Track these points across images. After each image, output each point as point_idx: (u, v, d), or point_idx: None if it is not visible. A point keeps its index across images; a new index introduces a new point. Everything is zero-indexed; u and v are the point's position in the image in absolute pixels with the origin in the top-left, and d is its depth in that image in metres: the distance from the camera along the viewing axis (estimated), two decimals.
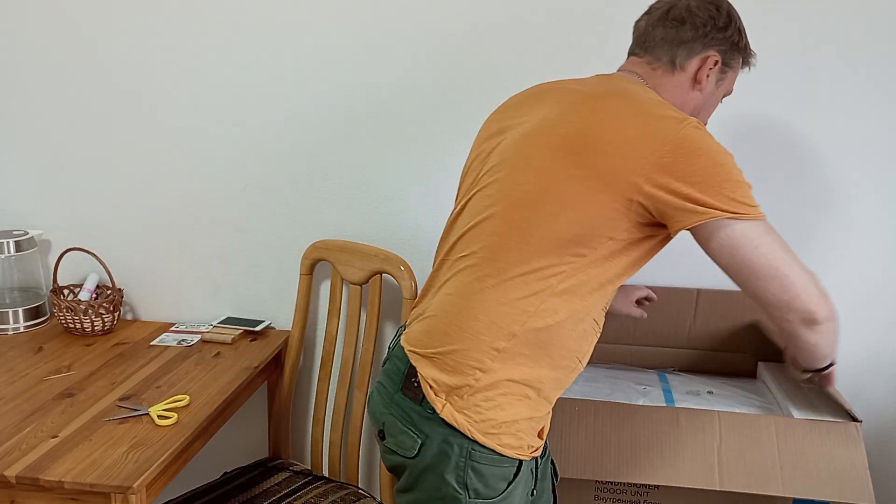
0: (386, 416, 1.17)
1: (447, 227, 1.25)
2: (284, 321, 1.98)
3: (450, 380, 1.11)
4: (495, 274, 1.10)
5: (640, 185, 1.06)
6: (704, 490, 1.42)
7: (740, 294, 1.69)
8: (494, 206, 1.13)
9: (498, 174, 1.15)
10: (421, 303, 1.23)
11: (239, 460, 2.09)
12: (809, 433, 1.40)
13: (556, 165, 1.09)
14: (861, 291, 1.77)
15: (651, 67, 1.24)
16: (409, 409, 1.14)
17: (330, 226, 1.92)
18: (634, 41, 1.29)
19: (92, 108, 1.92)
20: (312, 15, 1.79)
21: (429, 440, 1.11)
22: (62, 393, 1.56)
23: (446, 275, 1.18)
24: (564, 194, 1.08)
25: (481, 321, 1.10)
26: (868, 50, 1.65)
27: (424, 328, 1.17)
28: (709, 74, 1.23)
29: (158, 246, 1.99)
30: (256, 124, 1.88)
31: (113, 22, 1.86)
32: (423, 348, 1.15)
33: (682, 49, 1.22)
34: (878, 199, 1.72)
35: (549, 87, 1.25)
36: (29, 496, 1.30)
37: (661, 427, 1.41)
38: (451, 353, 1.12)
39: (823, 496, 1.32)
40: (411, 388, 1.14)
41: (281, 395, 1.91)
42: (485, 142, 1.25)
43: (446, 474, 1.11)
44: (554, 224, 1.08)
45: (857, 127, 1.69)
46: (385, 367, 1.23)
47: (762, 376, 1.70)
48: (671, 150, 1.05)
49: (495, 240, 1.11)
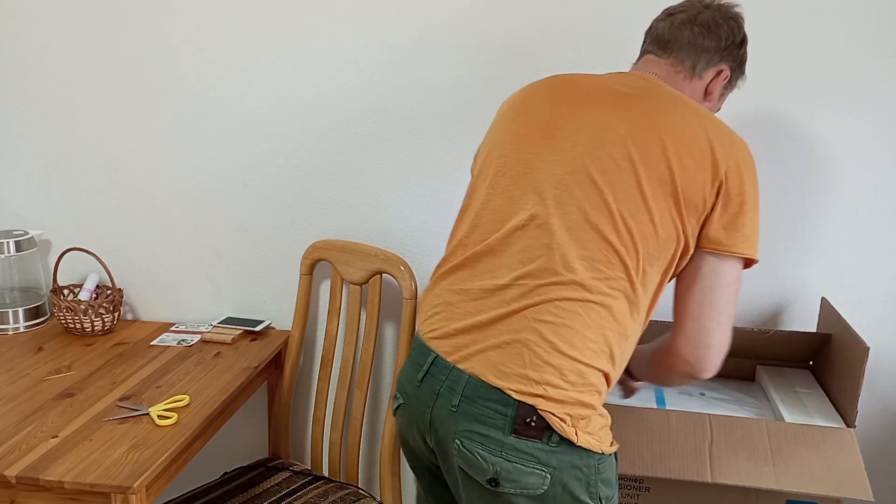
0: (500, 463, 1.08)
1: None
2: (284, 321, 1.98)
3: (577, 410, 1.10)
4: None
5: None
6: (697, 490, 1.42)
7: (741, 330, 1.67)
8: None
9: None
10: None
11: (239, 460, 2.09)
12: (802, 436, 1.40)
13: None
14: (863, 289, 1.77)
15: (674, 70, 1.25)
16: (532, 449, 1.07)
17: (330, 226, 1.92)
18: (653, 41, 1.29)
19: (92, 108, 1.92)
20: (314, 17, 1.79)
21: (557, 471, 1.08)
22: (62, 393, 1.56)
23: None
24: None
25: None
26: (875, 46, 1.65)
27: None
28: (717, 86, 1.26)
29: (158, 246, 1.99)
30: (257, 125, 1.88)
31: (113, 22, 1.86)
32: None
33: (704, 57, 1.24)
34: (880, 198, 1.72)
35: (596, 84, 1.21)
36: (29, 496, 1.30)
37: (651, 426, 1.41)
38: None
39: (819, 490, 1.31)
40: (529, 428, 1.07)
41: (281, 395, 1.91)
42: (531, 129, 1.19)
43: (580, 495, 1.10)
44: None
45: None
46: (458, 410, 1.11)
47: (760, 380, 1.70)
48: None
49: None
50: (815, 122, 1.70)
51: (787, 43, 1.67)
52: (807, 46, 1.67)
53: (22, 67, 1.92)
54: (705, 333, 1.14)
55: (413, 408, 1.19)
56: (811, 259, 1.77)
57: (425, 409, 1.16)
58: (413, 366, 1.20)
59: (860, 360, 1.41)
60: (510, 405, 1.07)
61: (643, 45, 1.33)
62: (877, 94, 1.67)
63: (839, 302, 1.77)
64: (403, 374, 1.23)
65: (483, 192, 1.21)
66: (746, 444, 1.39)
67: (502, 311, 1.11)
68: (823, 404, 1.53)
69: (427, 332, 1.19)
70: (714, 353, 1.14)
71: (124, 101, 1.91)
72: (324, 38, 1.81)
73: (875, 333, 1.78)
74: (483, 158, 1.25)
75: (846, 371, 1.49)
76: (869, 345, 1.38)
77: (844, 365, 1.51)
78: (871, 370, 1.79)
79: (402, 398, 1.21)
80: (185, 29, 1.84)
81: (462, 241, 1.20)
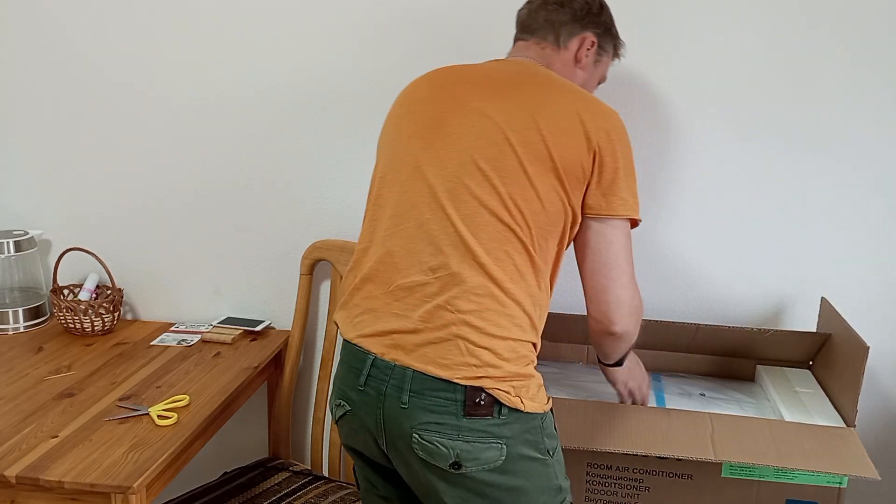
0: (459, 446, 1.14)
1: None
2: (284, 321, 1.98)
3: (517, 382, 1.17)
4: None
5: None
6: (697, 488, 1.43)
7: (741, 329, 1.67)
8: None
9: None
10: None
11: (239, 460, 2.09)
12: (803, 432, 1.40)
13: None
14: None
15: (540, 47, 1.35)
16: (485, 426, 1.14)
17: (330, 226, 1.92)
18: (520, 28, 1.39)
19: (92, 108, 1.92)
20: (315, 12, 1.79)
21: (511, 440, 1.15)
22: (62, 393, 1.56)
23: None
24: None
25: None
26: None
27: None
28: (587, 54, 1.36)
29: (158, 246, 1.99)
30: (257, 124, 1.88)
31: (112, 22, 1.86)
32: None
33: (564, 29, 1.34)
34: (881, 197, 1.72)
35: (476, 76, 1.28)
36: (29, 496, 1.30)
37: (651, 424, 1.42)
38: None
39: (824, 468, 1.31)
40: (479, 407, 1.14)
41: (281, 395, 1.91)
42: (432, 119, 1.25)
43: (533, 454, 1.18)
44: None
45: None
46: (409, 405, 1.15)
47: (760, 380, 1.70)
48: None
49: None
50: (815, 122, 1.70)
51: (786, 42, 1.67)
52: (807, 45, 1.67)
53: (22, 68, 1.92)
54: (602, 290, 1.23)
55: (361, 412, 1.21)
56: (811, 259, 1.77)
57: (374, 410, 1.19)
58: (351, 371, 1.22)
59: (860, 360, 1.42)
60: (458, 391, 1.14)
61: (515, 34, 1.41)
62: (877, 94, 1.67)
63: (839, 302, 1.77)
64: (342, 381, 1.24)
65: (383, 192, 1.26)
66: (748, 436, 1.39)
67: (427, 306, 1.16)
68: (823, 404, 1.53)
69: (356, 336, 1.22)
70: (616, 307, 1.24)
71: (124, 100, 1.91)
72: (324, 37, 1.81)
73: (875, 333, 1.77)
74: (378, 158, 1.31)
75: (846, 371, 1.49)
76: (868, 345, 1.39)
77: (844, 365, 1.51)
78: (870, 370, 1.79)
79: (346, 405, 1.23)
80: (185, 30, 1.84)
81: (366, 247, 1.26)
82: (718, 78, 1.71)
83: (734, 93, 1.71)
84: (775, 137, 1.72)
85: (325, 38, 1.81)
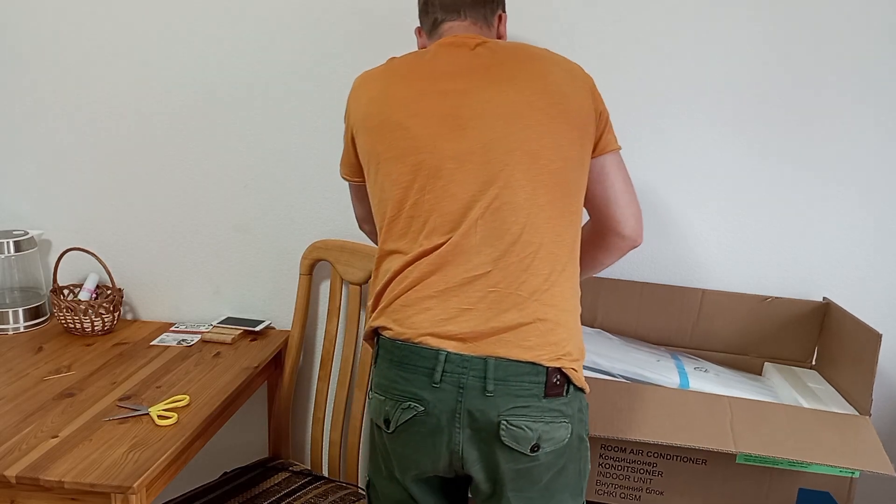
0: (541, 427, 1.17)
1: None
2: (284, 321, 1.98)
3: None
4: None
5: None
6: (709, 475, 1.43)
7: (745, 296, 1.71)
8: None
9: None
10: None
11: (239, 460, 2.09)
12: (821, 419, 1.40)
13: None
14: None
15: (477, 27, 1.36)
16: (559, 405, 1.18)
17: (330, 226, 1.92)
18: (441, 9, 1.35)
19: (92, 108, 1.92)
20: (316, 12, 1.79)
21: (573, 419, 1.19)
22: (62, 393, 1.56)
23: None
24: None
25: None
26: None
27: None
28: (504, 31, 1.41)
29: (158, 246, 1.99)
30: (256, 125, 1.88)
31: (111, 22, 1.86)
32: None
33: (488, 7, 1.37)
34: (881, 197, 1.72)
35: (458, 66, 1.26)
36: (29, 496, 1.30)
37: (671, 405, 1.43)
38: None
39: (838, 462, 1.31)
40: (556, 387, 1.17)
41: (281, 395, 1.91)
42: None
43: (583, 434, 1.23)
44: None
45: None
46: (496, 393, 1.16)
47: (770, 376, 1.69)
48: None
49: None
50: (814, 122, 1.70)
51: (787, 39, 1.67)
52: (807, 45, 1.67)
53: (22, 68, 1.92)
54: (629, 204, 1.32)
55: (437, 409, 1.17)
56: (811, 259, 1.77)
57: (454, 405, 1.16)
58: (417, 371, 1.18)
59: (872, 348, 1.42)
60: (541, 372, 1.16)
61: (427, 16, 1.37)
62: (878, 94, 1.67)
63: (839, 302, 1.77)
64: (407, 384, 1.19)
65: (424, 197, 1.21)
66: (766, 423, 1.39)
67: (493, 295, 1.17)
68: (836, 397, 1.53)
69: (417, 335, 1.18)
70: (639, 218, 1.34)
71: (124, 100, 1.91)
72: (324, 37, 1.81)
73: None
74: (382, 166, 1.25)
75: (856, 362, 1.49)
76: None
77: (854, 357, 1.51)
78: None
79: (419, 405, 1.18)
80: (185, 30, 1.84)
81: (406, 250, 1.22)
82: (718, 78, 1.71)
83: (734, 93, 1.71)
84: (775, 137, 1.72)
85: (325, 38, 1.81)
